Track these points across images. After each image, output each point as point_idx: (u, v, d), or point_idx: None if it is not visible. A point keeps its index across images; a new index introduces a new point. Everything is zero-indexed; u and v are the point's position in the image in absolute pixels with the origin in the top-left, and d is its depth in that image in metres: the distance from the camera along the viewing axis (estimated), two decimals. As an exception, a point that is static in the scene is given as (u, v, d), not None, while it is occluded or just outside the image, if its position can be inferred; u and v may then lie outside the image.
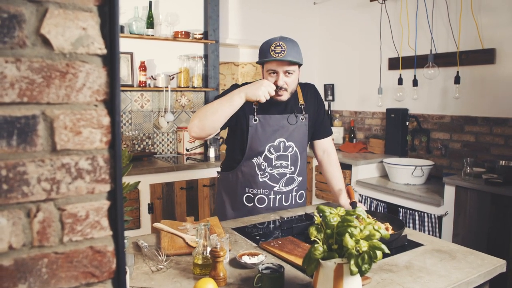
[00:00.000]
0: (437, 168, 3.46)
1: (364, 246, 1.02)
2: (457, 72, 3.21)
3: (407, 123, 3.73)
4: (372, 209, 3.40)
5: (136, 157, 3.47)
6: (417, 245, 1.59)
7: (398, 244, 1.56)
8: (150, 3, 3.58)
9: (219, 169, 2.19)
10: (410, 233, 1.71)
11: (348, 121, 4.42)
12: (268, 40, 1.88)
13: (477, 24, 3.13)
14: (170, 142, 3.91)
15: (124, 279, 0.70)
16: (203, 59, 3.94)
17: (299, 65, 1.88)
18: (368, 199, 3.45)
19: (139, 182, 1.18)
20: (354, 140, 4.30)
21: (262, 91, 1.74)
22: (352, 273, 1.02)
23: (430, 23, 3.43)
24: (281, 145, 1.96)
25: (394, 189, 3.22)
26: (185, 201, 3.39)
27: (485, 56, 3.09)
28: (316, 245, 1.09)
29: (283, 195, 2.01)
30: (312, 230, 1.10)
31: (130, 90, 3.63)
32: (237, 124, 1.95)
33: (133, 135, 3.70)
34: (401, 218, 3.03)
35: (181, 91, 3.90)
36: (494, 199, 2.61)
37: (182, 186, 3.33)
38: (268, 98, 1.76)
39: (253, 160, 1.95)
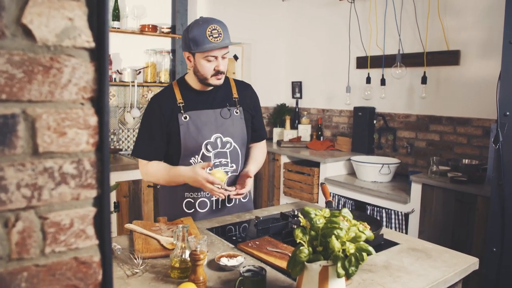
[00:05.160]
0: (402, 166, 3.54)
1: (351, 248, 1.01)
2: (424, 72, 3.29)
3: (374, 121, 3.80)
4: (340, 206, 3.43)
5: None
6: (392, 244, 1.60)
7: (375, 244, 1.57)
8: (116, -6, 3.45)
9: None
10: (385, 231, 1.73)
11: (316, 118, 4.45)
12: (196, 24, 1.72)
13: (443, 26, 3.21)
14: (136, 138, 3.79)
15: (111, 292, 0.65)
16: (171, 54, 3.84)
17: None
18: (336, 196, 3.48)
19: (118, 184, 1.11)
20: (322, 138, 4.34)
21: (207, 188, 1.72)
22: (339, 276, 1.01)
23: (398, 24, 3.49)
24: (218, 141, 1.83)
25: (362, 186, 3.27)
26: (152, 199, 3.29)
27: (450, 58, 3.19)
28: (301, 248, 1.07)
29: (226, 196, 1.82)
30: (298, 232, 1.08)
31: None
32: (168, 127, 1.81)
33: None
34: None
35: (147, 86, 3.79)
36: (458, 197, 2.69)
37: (149, 184, 3.24)
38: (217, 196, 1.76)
39: (190, 161, 1.82)
